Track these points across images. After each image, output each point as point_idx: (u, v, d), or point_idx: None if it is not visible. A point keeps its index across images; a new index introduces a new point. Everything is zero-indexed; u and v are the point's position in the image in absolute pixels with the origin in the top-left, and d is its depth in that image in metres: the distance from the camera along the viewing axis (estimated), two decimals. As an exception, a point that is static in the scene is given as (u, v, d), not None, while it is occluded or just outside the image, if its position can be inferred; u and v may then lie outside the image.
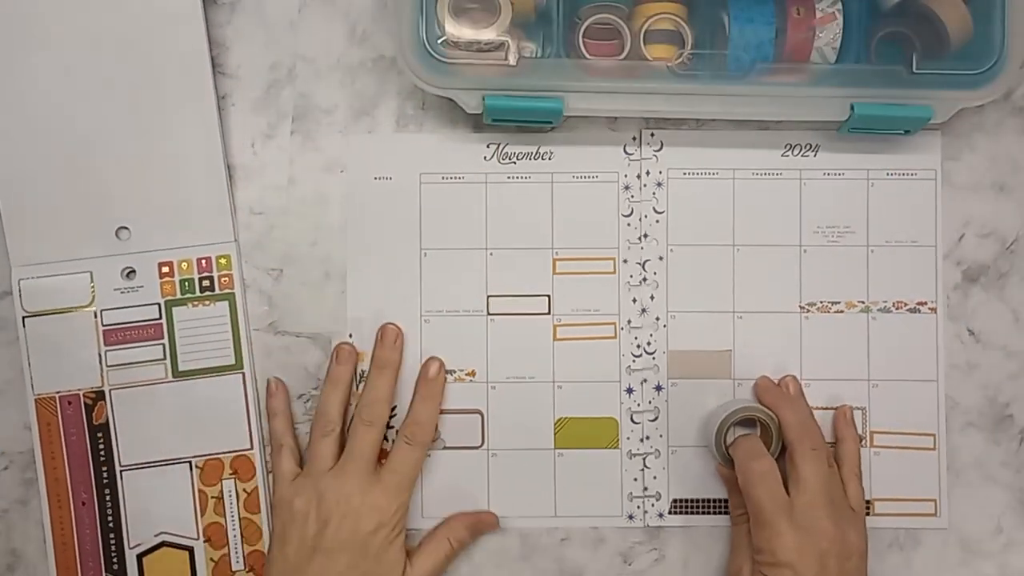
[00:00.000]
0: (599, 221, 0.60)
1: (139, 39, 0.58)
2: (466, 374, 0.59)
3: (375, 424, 0.56)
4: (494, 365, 0.59)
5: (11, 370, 0.59)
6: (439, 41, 0.54)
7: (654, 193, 0.60)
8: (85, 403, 0.58)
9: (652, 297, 0.60)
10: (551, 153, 0.60)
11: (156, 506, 0.58)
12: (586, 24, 0.56)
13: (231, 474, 0.58)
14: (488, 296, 0.59)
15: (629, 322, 0.59)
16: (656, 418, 0.59)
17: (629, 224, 0.60)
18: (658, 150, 0.60)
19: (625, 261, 0.60)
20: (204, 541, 0.58)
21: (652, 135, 0.60)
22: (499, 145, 0.59)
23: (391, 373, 0.57)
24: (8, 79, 0.57)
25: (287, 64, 0.60)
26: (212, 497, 0.58)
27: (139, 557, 0.58)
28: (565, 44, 0.56)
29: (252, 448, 0.59)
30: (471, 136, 0.59)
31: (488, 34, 0.55)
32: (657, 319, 0.60)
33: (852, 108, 0.55)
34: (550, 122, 0.57)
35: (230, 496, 0.58)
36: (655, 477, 0.59)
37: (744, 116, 0.59)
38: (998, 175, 0.60)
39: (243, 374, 0.59)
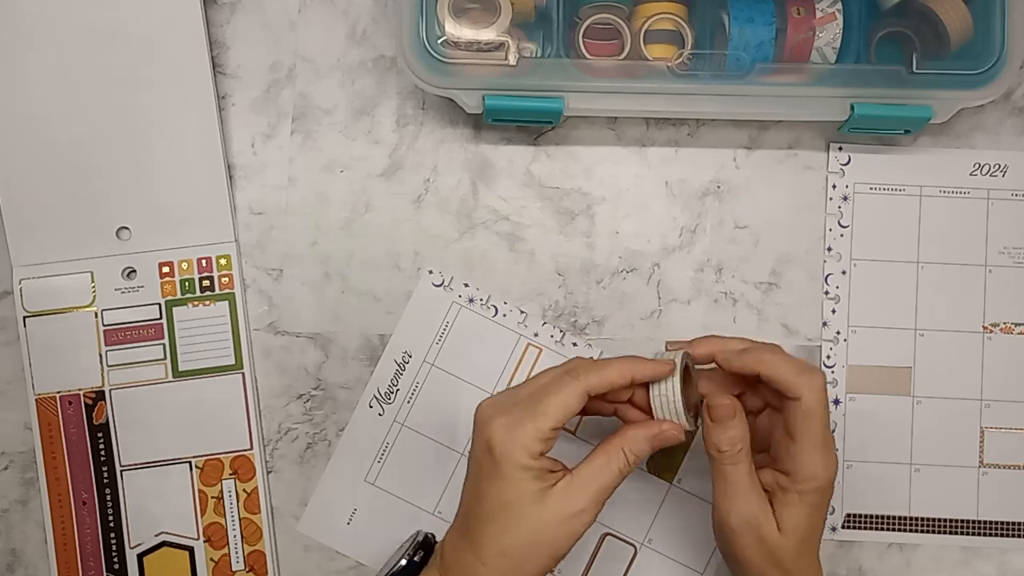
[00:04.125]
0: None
1: (139, 39, 0.58)
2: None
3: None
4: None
5: (12, 370, 0.59)
6: (439, 41, 0.54)
7: (839, 207, 0.60)
8: (85, 403, 0.58)
9: (833, 311, 0.60)
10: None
11: (156, 506, 0.58)
12: (586, 24, 0.56)
13: (231, 474, 0.59)
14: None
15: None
16: (832, 431, 0.59)
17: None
18: (845, 164, 0.60)
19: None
20: (204, 541, 0.58)
21: (840, 149, 0.60)
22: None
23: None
24: (8, 79, 0.57)
25: (287, 64, 0.60)
26: (212, 497, 0.58)
27: (140, 557, 0.58)
28: (565, 44, 0.56)
29: (252, 448, 0.59)
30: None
31: (488, 34, 0.55)
32: (838, 333, 0.60)
33: (852, 108, 0.55)
34: (550, 122, 0.57)
35: (230, 496, 0.58)
36: None
37: (744, 116, 0.59)
38: None
39: (243, 374, 0.59)
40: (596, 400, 0.50)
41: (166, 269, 0.59)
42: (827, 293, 0.60)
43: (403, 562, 0.51)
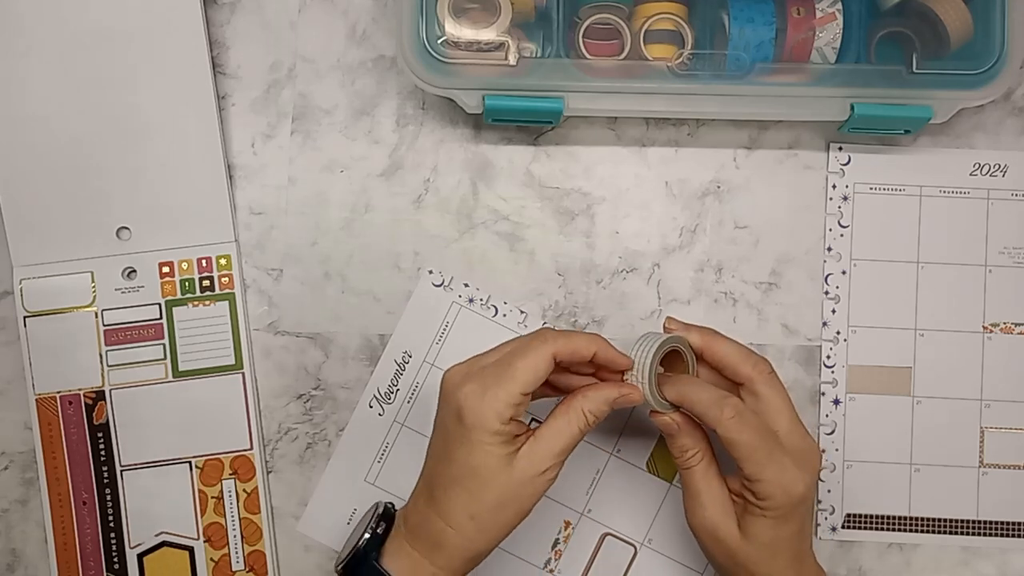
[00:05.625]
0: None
1: (139, 39, 0.58)
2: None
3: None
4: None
5: (12, 370, 0.59)
6: (439, 41, 0.54)
7: (839, 207, 0.60)
8: (86, 403, 0.58)
9: (834, 311, 0.60)
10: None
11: (156, 506, 0.58)
12: (586, 24, 0.56)
13: (231, 474, 0.59)
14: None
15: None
16: (832, 431, 0.60)
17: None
18: (845, 164, 0.60)
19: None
20: (204, 541, 0.58)
21: (840, 149, 0.60)
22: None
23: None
24: (8, 79, 0.57)
25: (287, 64, 0.60)
26: (212, 497, 0.58)
27: (140, 557, 0.58)
28: (565, 44, 0.56)
29: (252, 448, 0.59)
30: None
31: (488, 34, 0.55)
32: (838, 333, 0.60)
33: (852, 108, 0.55)
34: (550, 122, 0.57)
35: (230, 496, 0.58)
36: (829, 491, 0.59)
37: (744, 116, 0.59)
38: None
39: (243, 374, 0.59)
40: (563, 374, 0.51)
41: (166, 269, 0.59)
42: (827, 293, 0.60)
43: (367, 535, 0.50)
